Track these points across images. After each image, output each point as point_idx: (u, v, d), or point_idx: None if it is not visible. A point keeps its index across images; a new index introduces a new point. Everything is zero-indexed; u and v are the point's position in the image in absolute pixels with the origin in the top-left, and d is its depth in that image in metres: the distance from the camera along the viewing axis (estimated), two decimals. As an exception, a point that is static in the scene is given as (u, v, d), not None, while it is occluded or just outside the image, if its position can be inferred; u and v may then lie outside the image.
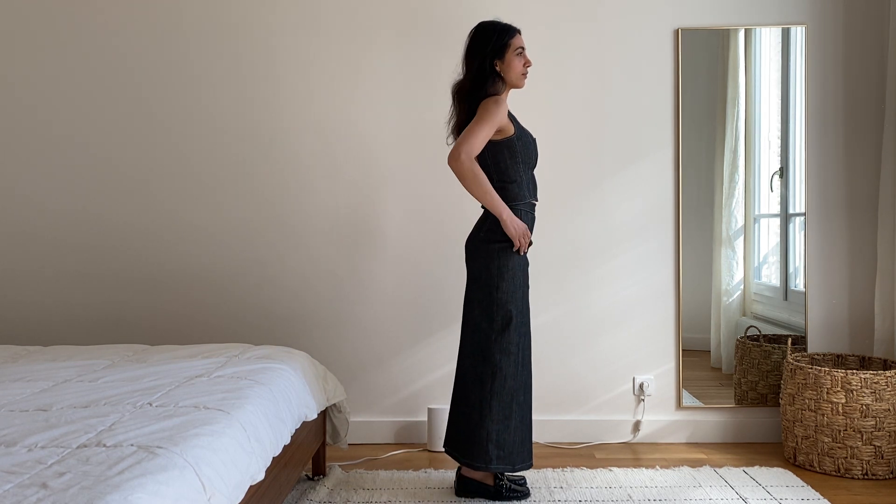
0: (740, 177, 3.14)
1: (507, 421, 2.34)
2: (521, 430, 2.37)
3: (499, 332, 2.33)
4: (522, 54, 2.36)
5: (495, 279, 2.33)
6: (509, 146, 2.32)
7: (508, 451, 2.34)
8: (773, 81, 3.13)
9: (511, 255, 2.33)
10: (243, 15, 3.05)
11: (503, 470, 2.35)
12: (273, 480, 1.89)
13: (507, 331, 2.33)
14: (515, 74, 2.35)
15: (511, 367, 2.33)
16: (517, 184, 2.34)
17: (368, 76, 3.05)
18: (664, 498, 2.43)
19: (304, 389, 2.25)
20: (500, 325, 2.33)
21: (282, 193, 3.07)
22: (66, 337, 3.07)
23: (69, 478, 1.26)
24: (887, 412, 2.60)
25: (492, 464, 2.33)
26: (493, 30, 2.36)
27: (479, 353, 2.36)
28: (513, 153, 2.33)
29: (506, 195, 2.33)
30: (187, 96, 3.07)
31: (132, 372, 2.12)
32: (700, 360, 3.15)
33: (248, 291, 3.08)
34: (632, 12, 3.03)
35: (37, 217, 3.11)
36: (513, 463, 2.35)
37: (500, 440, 2.33)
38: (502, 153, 2.32)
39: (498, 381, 2.33)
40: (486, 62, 2.33)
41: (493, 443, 2.33)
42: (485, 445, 2.33)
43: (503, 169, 2.33)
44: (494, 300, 2.33)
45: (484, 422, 2.33)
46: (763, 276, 3.21)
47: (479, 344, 2.36)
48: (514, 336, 2.33)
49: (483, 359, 2.35)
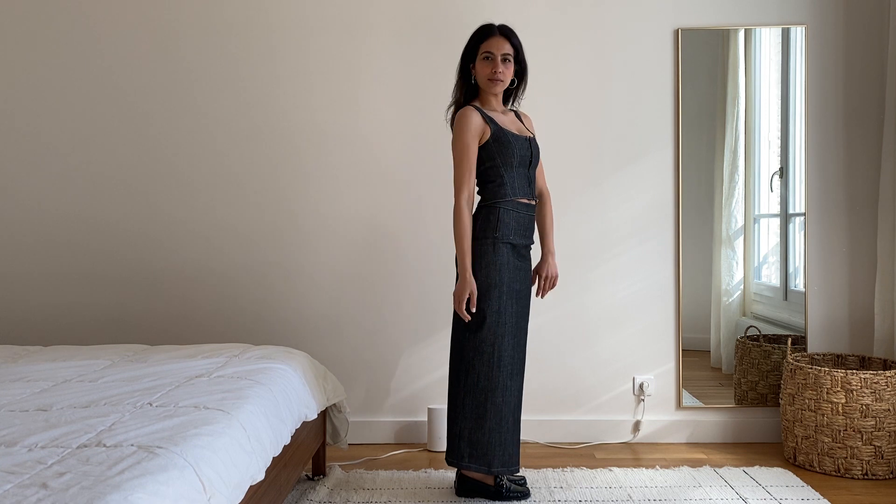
0: (740, 177, 3.14)
1: (481, 420, 2.32)
2: (498, 433, 2.33)
3: (473, 330, 2.33)
4: (491, 59, 2.33)
5: None
6: (484, 148, 2.33)
7: (482, 452, 2.33)
8: (773, 81, 3.13)
9: (487, 251, 2.32)
10: (242, 15, 3.05)
11: (478, 470, 2.34)
12: (273, 480, 1.89)
13: (479, 330, 2.32)
14: (482, 79, 2.36)
15: (484, 366, 2.31)
16: (496, 184, 2.34)
17: (369, 77, 3.05)
18: (664, 498, 2.43)
19: (304, 389, 2.25)
20: (473, 324, 2.32)
21: (282, 194, 3.07)
22: (66, 337, 3.07)
23: (69, 478, 1.26)
24: (887, 412, 2.60)
25: (464, 461, 2.34)
26: (474, 33, 2.39)
27: (456, 350, 2.38)
28: (489, 154, 2.33)
29: (485, 194, 2.37)
30: (187, 97, 3.07)
31: (132, 372, 2.12)
32: (700, 360, 3.15)
33: (249, 292, 3.08)
34: (632, 12, 3.03)
35: (37, 218, 3.11)
36: (489, 465, 2.33)
37: (472, 439, 2.33)
38: (479, 156, 2.34)
39: (470, 379, 2.33)
40: (463, 65, 2.40)
41: (464, 440, 2.33)
42: (457, 442, 2.35)
43: (480, 170, 2.35)
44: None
45: (457, 419, 2.35)
46: (763, 276, 3.21)
47: (457, 342, 2.38)
48: (486, 335, 2.31)
49: (459, 357, 2.36)
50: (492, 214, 2.33)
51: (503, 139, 2.34)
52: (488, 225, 2.33)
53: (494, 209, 2.33)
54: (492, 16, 2.78)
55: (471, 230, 2.31)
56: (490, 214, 2.33)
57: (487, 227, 2.33)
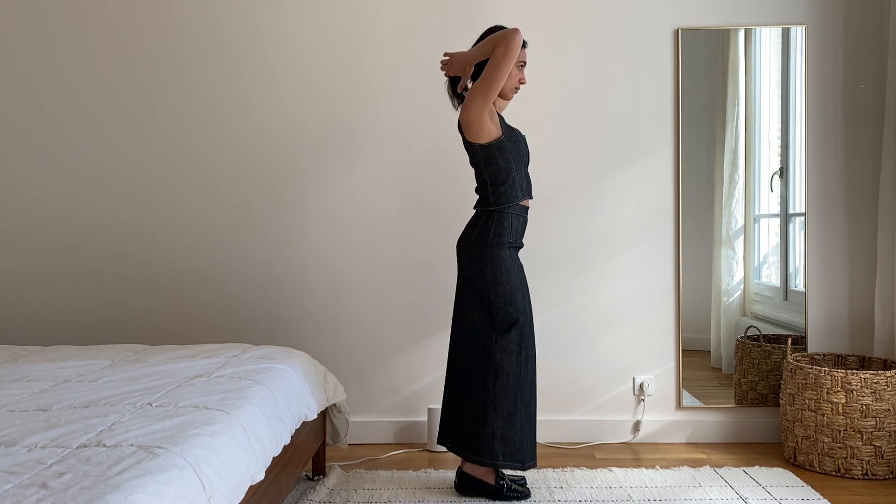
0: (740, 177, 3.14)
1: (512, 419, 2.35)
2: (529, 429, 2.39)
3: (500, 332, 2.35)
4: (521, 68, 2.39)
5: (490, 282, 2.35)
6: (500, 147, 2.33)
7: (515, 448, 2.36)
8: (773, 81, 3.13)
9: (504, 257, 2.36)
10: (243, 13, 3.05)
11: (512, 467, 2.36)
12: (273, 480, 1.89)
13: (509, 331, 2.35)
14: (509, 85, 2.37)
15: (514, 365, 2.35)
16: (509, 185, 2.35)
17: (367, 75, 3.05)
18: (664, 498, 2.43)
19: (304, 389, 2.25)
20: (501, 326, 2.35)
21: (282, 194, 3.07)
22: (66, 337, 3.07)
23: (69, 478, 1.26)
24: (887, 412, 2.60)
25: (498, 460, 2.35)
26: None
27: (480, 353, 2.37)
28: (503, 153, 2.34)
29: (498, 198, 2.35)
30: (186, 96, 3.07)
31: (132, 372, 2.12)
32: (700, 360, 3.15)
33: (249, 292, 3.08)
34: (632, 12, 3.03)
35: (37, 217, 3.11)
36: (522, 461, 2.37)
37: (505, 437, 2.35)
38: (493, 156, 2.33)
39: (501, 380, 2.34)
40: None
41: (498, 440, 2.34)
42: (490, 442, 2.35)
43: (495, 171, 2.34)
44: (493, 303, 2.35)
45: (488, 419, 2.34)
46: (763, 276, 3.21)
47: (480, 344, 2.38)
48: (515, 335, 2.35)
49: (485, 358, 2.36)
50: (505, 220, 2.37)
51: (515, 138, 2.41)
52: (503, 230, 2.36)
53: (507, 215, 2.37)
54: (492, 15, 2.78)
55: None
56: (504, 220, 2.37)
57: (503, 233, 2.36)
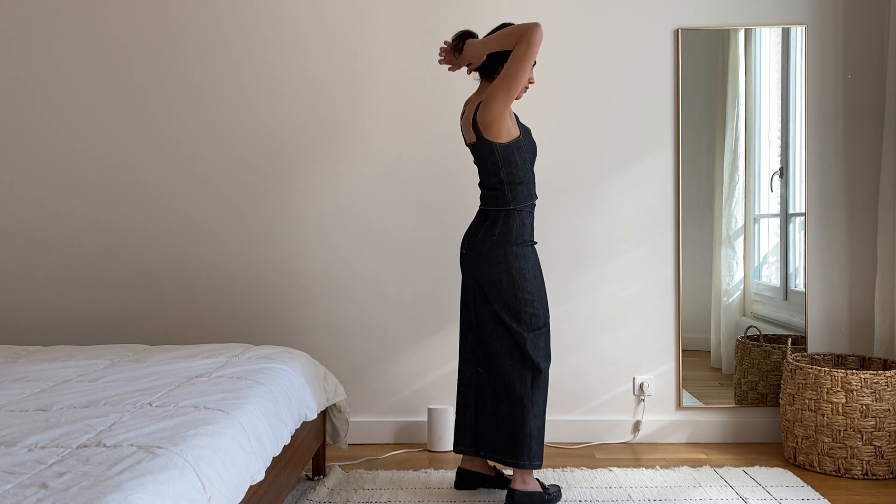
0: (740, 177, 3.14)
1: (544, 417, 2.38)
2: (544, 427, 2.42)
3: (533, 331, 2.35)
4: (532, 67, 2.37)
5: (518, 280, 2.33)
6: (518, 146, 2.34)
7: (541, 447, 2.38)
8: (773, 81, 3.13)
9: (529, 254, 2.37)
10: (242, 13, 3.05)
11: (539, 466, 2.36)
12: (273, 480, 1.89)
13: (539, 329, 2.36)
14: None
15: (545, 362, 2.37)
16: (525, 184, 2.36)
17: (369, 76, 3.05)
18: (664, 498, 2.43)
19: (305, 389, 2.25)
20: (532, 325, 2.35)
21: (281, 194, 3.07)
22: (66, 337, 3.07)
23: (69, 478, 1.26)
24: (887, 412, 2.60)
25: (535, 460, 2.35)
26: None
27: (516, 353, 2.35)
28: (521, 152, 2.35)
29: (516, 197, 2.35)
30: (186, 97, 3.07)
31: (132, 372, 2.12)
32: (700, 360, 3.15)
33: (249, 292, 3.08)
34: (632, 12, 3.03)
35: (37, 218, 3.11)
36: (542, 458, 2.37)
37: (539, 436, 2.36)
38: (512, 154, 2.33)
39: (540, 379, 2.35)
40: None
41: (534, 439, 2.35)
42: (528, 443, 2.34)
43: (513, 170, 2.34)
44: (522, 300, 2.34)
45: (526, 419, 2.34)
46: (763, 276, 3.21)
47: (514, 344, 2.35)
48: (544, 332, 2.38)
49: (521, 358, 2.35)
50: (526, 218, 2.38)
51: (529, 137, 2.43)
52: (524, 228, 2.37)
53: (526, 213, 2.38)
54: (492, 15, 2.78)
55: None
56: (524, 218, 2.38)
57: (524, 231, 2.37)
